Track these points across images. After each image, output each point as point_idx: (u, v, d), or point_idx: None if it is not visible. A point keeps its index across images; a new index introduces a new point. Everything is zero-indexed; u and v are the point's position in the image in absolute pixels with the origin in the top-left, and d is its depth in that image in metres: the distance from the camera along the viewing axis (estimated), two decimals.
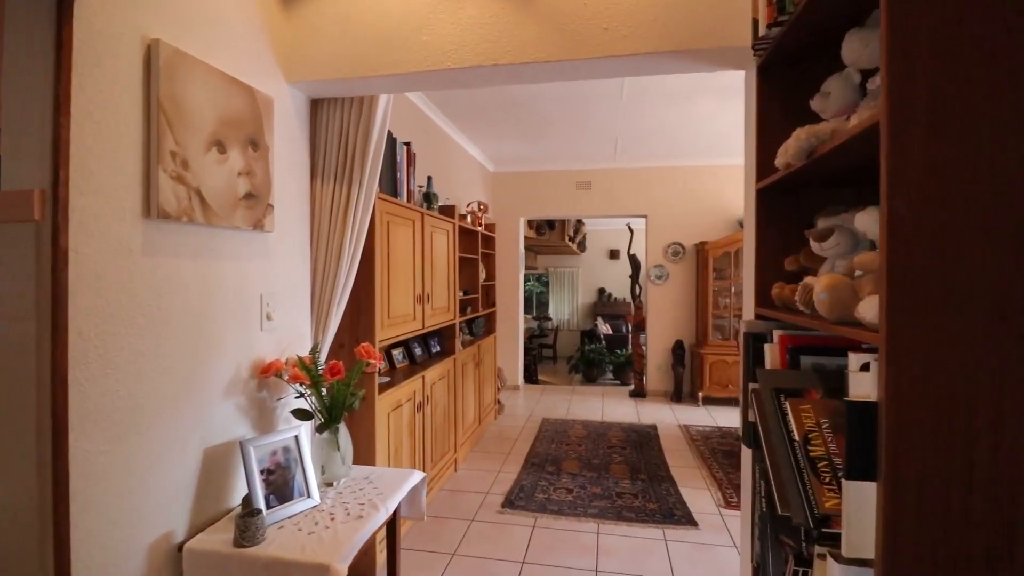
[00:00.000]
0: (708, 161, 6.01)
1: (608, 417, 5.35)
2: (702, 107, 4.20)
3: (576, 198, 6.37)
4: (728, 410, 5.56)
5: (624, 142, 5.29)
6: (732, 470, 3.88)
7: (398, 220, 2.81)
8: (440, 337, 3.81)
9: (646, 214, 6.21)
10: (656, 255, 6.21)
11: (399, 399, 2.81)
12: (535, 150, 5.67)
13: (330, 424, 1.82)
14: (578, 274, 11.91)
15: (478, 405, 4.55)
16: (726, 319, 5.83)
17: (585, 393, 6.53)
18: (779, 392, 1.13)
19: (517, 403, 5.95)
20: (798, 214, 1.51)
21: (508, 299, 6.48)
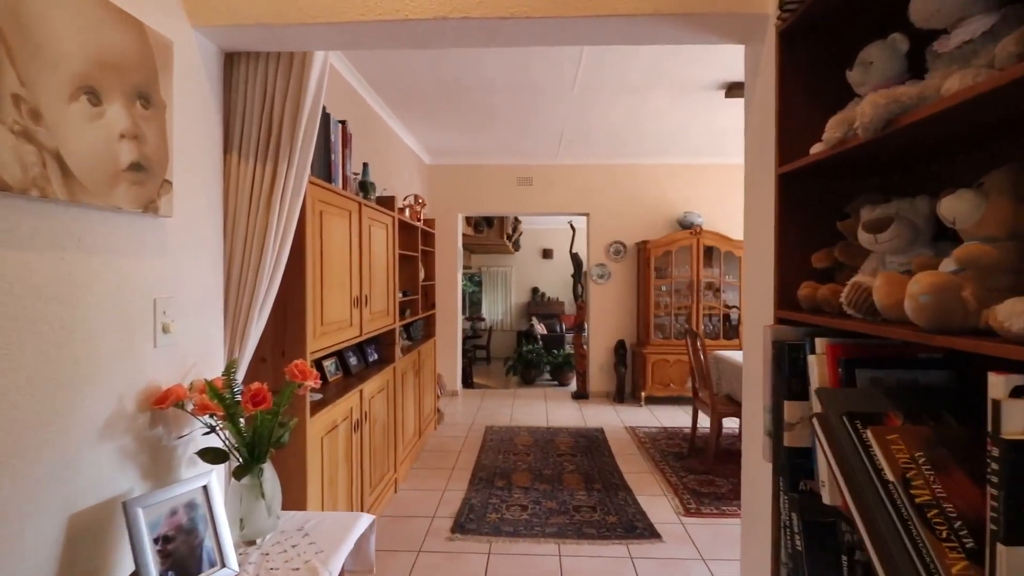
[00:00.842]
0: (650, 160, 5.98)
1: (553, 421, 5.15)
2: (654, 102, 4.08)
3: (517, 195, 6.13)
4: (670, 409, 5.55)
5: (569, 137, 5.11)
6: (685, 474, 3.79)
7: (333, 210, 2.40)
8: (378, 344, 3.40)
9: (588, 212, 6.09)
10: (598, 254, 6.10)
11: (334, 419, 2.40)
12: (476, 142, 5.36)
13: (252, 466, 1.41)
14: (511, 273, 11.72)
15: (418, 416, 4.17)
16: (667, 318, 5.83)
17: (526, 396, 6.30)
18: (854, 418, 0.92)
19: (457, 410, 5.61)
20: (823, 205, 1.33)
21: (447, 300, 6.12)
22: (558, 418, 5.28)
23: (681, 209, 5.98)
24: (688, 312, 5.72)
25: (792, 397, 1.16)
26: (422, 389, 4.29)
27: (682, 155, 5.83)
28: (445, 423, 5.07)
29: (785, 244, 1.32)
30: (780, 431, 1.20)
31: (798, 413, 1.16)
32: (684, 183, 6.03)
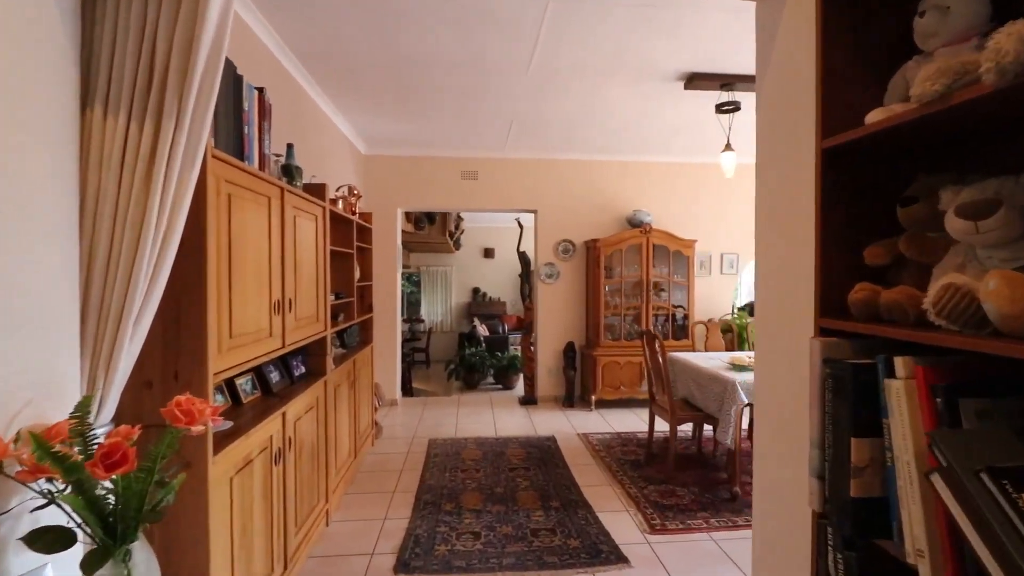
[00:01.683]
0: (600, 156, 5.80)
1: (503, 431, 4.82)
2: (611, 91, 3.85)
3: (461, 189, 5.76)
4: (621, 413, 5.38)
5: (519, 128, 4.80)
6: (644, 484, 3.59)
7: (246, 195, 1.94)
8: (306, 355, 2.93)
9: (536, 209, 5.82)
10: (546, 253, 5.84)
11: (248, 452, 1.95)
12: (418, 131, 4.93)
13: (114, 550, 0.98)
14: (451, 273, 11.31)
15: (354, 434, 3.71)
16: (617, 319, 5.66)
17: (471, 403, 5.94)
18: (999, 475, 0.65)
19: (397, 421, 5.16)
20: (876, 189, 1.08)
21: (385, 302, 5.64)
22: (507, 426, 4.96)
23: (630, 207, 5.85)
24: (637, 312, 5.59)
25: (860, 433, 0.90)
26: (358, 402, 3.83)
27: (632, 152, 5.69)
28: (384, 437, 4.62)
29: (830, 237, 1.06)
30: (841, 476, 0.93)
31: (868, 454, 0.90)
32: (633, 181, 5.90)
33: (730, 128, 3.86)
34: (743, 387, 3.29)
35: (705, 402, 3.58)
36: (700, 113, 4.33)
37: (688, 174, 5.94)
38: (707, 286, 5.91)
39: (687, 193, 5.94)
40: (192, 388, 1.59)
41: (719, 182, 5.97)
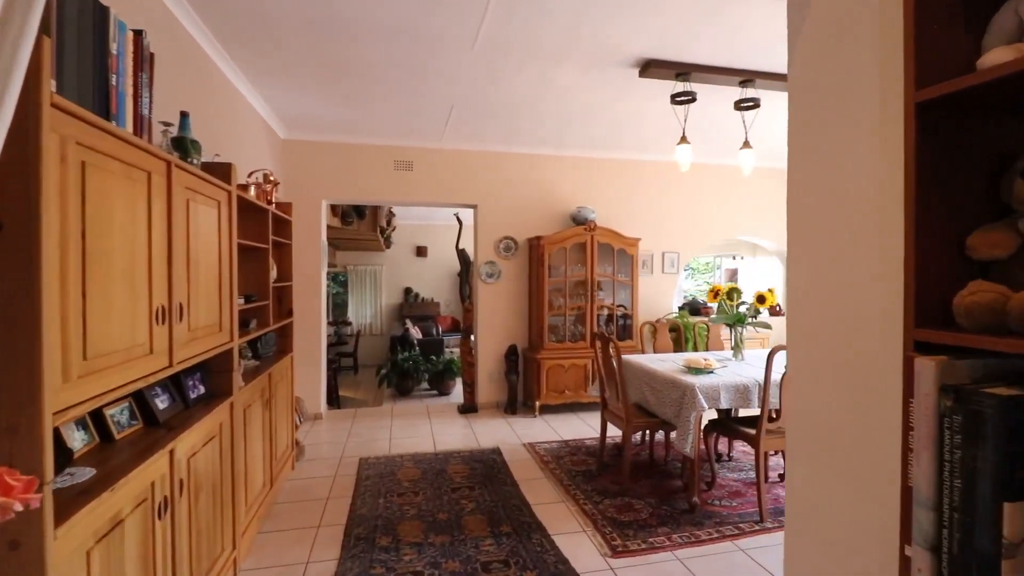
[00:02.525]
0: (544, 150, 5.53)
1: (442, 444, 4.42)
2: (562, 77, 3.57)
3: (394, 181, 5.28)
4: (566, 419, 5.15)
5: (460, 114, 4.42)
6: (599, 498, 3.34)
7: (114, 167, 1.45)
8: (206, 372, 2.40)
9: (476, 204, 5.46)
10: (487, 251, 5.50)
11: (117, 510, 1.46)
12: (345, 113, 4.42)
13: None
14: (382, 272, 10.70)
15: (270, 459, 3.18)
16: (561, 319, 5.43)
17: (406, 413, 5.48)
18: None
19: (322, 438, 4.61)
20: (975, 158, 0.83)
21: (308, 304, 5.07)
22: (447, 439, 4.57)
23: (574, 203, 5.64)
24: (582, 313, 5.38)
25: (1016, 495, 0.64)
26: (275, 422, 3.30)
27: (577, 147, 5.47)
28: (306, 459, 4.08)
29: (927, 221, 0.79)
30: (973, 552, 0.66)
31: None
32: (577, 177, 5.70)
33: (685, 120, 3.70)
34: (703, 392, 3.12)
35: (660, 407, 3.39)
36: (649, 106, 4.16)
37: (630, 171, 5.82)
38: (648, 286, 5.82)
39: (629, 191, 5.83)
40: (18, 436, 1.11)
41: (661, 180, 5.91)
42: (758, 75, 3.44)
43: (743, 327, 3.93)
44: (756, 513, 3.15)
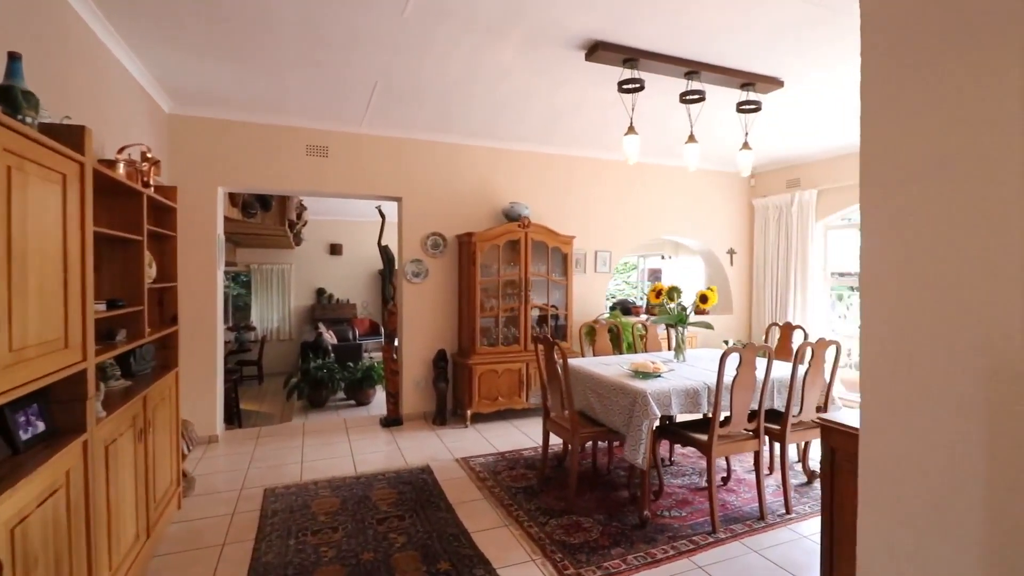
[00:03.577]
0: (475, 141, 5.17)
1: (364, 464, 3.93)
2: (499, 56, 3.23)
3: (306, 168, 4.68)
4: (499, 427, 4.83)
5: (385, 95, 3.94)
6: (544, 518, 3.05)
7: None
8: (46, 403, 1.79)
9: (400, 196, 4.98)
10: (413, 248, 5.05)
11: None
12: (248, 86, 3.79)
13: None
14: (290, 272, 9.82)
15: (145, 505, 2.56)
16: (492, 320, 5.10)
17: (320, 429, 4.88)
18: None
19: (217, 466, 3.94)
20: None
21: (202, 309, 4.34)
22: (369, 458, 4.07)
23: (506, 198, 5.33)
24: (515, 314, 5.09)
25: None
26: (153, 456, 2.67)
27: (510, 139, 5.17)
28: (196, 494, 3.42)
29: None
30: None
31: None
32: (510, 170, 5.39)
33: (633, 109, 3.51)
34: (654, 398, 2.92)
35: (608, 415, 3.17)
36: (590, 97, 3.95)
37: (563, 167, 5.62)
38: (582, 285, 5.65)
39: (562, 187, 5.62)
40: None
41: (593, 177, 5.76)
42: (704, 67, 3.32)
43: (684, 327, 3.82)
44: (707, 523, 3.01)
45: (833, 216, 5.84)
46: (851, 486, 1.63)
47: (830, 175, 5.75)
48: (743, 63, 3.34)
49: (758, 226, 6.53)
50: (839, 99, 3.99)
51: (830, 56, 3.22)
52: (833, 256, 6.09)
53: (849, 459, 1.63)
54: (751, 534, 2.92)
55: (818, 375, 3.23)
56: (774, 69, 3.43)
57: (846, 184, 5.60)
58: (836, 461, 1.68)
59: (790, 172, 6.17)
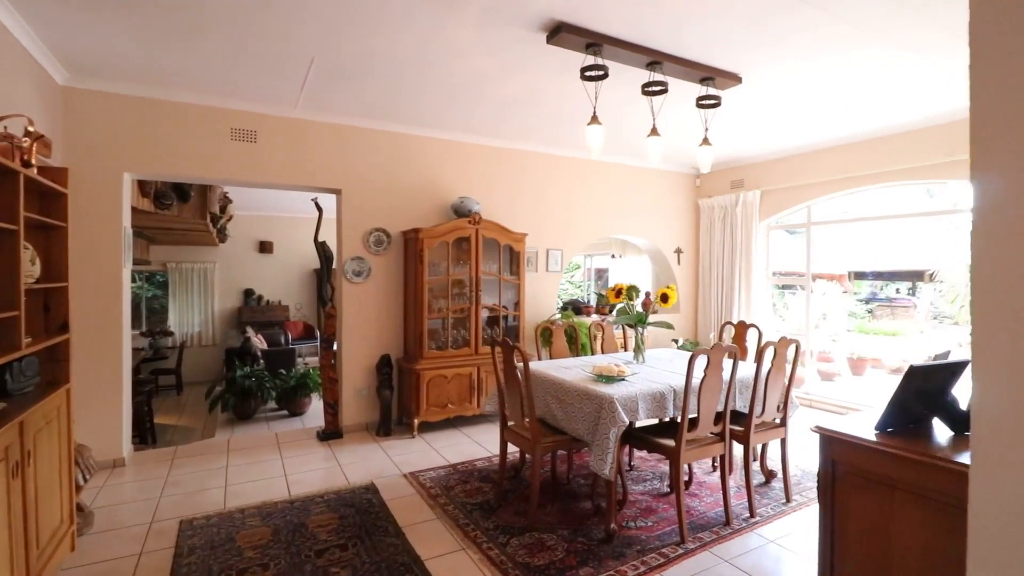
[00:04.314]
0: (423, 131, 4.84)
1: (300, 486, 3.52)
2: (455, 33, 2.95)
3: (230, 154, 4.18)
4: (449, 436, 4.53)
5: (322, 74, 3.55)
6: (504, 538, 2.80)
7: None
8: None
9: (340, 188, 4.57)
10: (354, 244, 4.65)
11: None
12: (161, 57, 3.29)
13: None
14: (214, 271, 9.02)
15: (25, 553, 2.07)
16: (439, 322, 4.80)
17: (249, 445, 4.38)
18: None
19: (123, 495, 3.40)
20: None
21: (103, 313, 3.77)
22: (306, 478, 3.66)
23: (455, 193, 5.04)
24: (465, 315, 4.82)
25: None
26: (35, 493, 2.19)
27: (461, 129, 4.88)
28: (95, 532, 2.90)
29: None
30: None
31: None
32: (460, 164, 5.11)
33: (596, 98, 3.33)
34: (622, 404, 2.75)
35: (571, 423, 2.97)
36: (547, 85, 3.75)
37: (514, 162, 5.40)
38: (534, 284, 5.46)
39: (513, 183, 5.41)
40: None
41: (545, 173, 5.59)
42: (666, 57, 3.20)
43: (644, 328, 3.70)
44: (675, 532, 2.88)
45: (775, 216, 5.98)
46: (857, 502, 1.50)
47: (773, 176, 5.88)
48: (704, 55, 3.25)
49: (704, 226, 6.61)
50: (793, 98, 4.02)
51: (789, 50, 3.19)
52: (774, 257, 6.26)
53: (854, 472, 1.50)
54: (719, 542, 2.81)
55: (780, 375, 3.19)
56: (734, 63, 3.36)
57: (788, 185, 5.74)
58: (838, 474, 1.55)
59: (735, 173, 6.28)
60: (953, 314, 12.75)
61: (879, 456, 1.44)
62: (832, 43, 3.06)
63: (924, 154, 4.59)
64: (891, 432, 1.52)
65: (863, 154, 5.02)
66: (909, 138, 4.68)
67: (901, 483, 1.40)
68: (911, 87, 3.74)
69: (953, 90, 3.80)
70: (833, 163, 5.29)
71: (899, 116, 4.43)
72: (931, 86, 3.70)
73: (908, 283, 15.92)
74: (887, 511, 1.43)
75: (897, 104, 4.12)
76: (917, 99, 4.00)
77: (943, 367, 1.52)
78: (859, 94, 3.90)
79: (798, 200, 5.72)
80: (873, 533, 1.46)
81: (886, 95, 3.92)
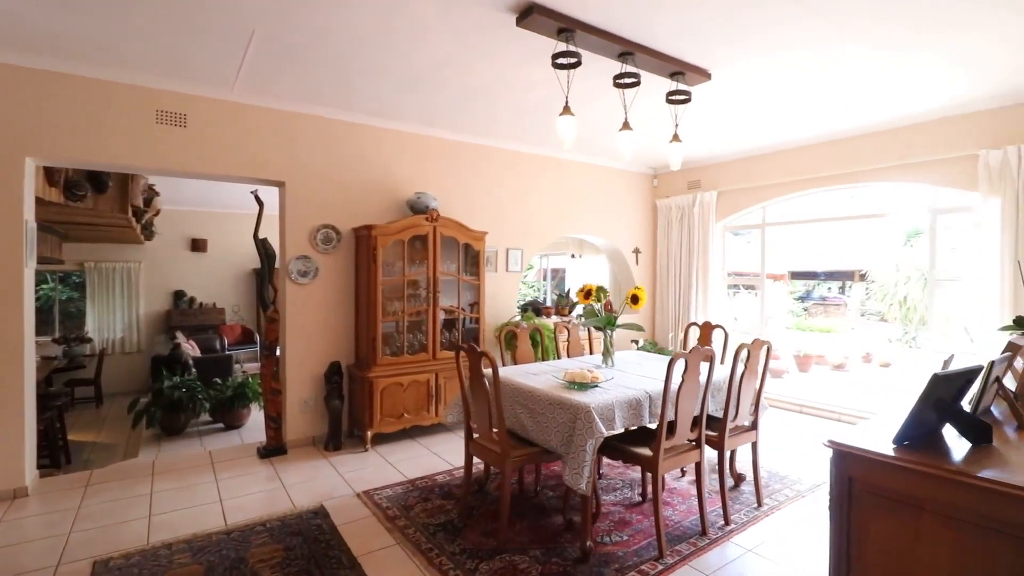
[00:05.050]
0: (378, 121, 4.51)
1: (237, 512, 3.13)
2: (422, 12, 2.68)
3: (155, 140, 3.71)
4: (405, 448, 4.24)
5: (264, 51, 3.18)
6: (472, 561, 2.57)
7: None
8: None
9: (283, 181, 4.18)
10: (299, 242, 4.26)
11: None
12: (73, 23, 2.82)
13: None
14: (139, 271, 8.26)
15: None
16: (396, 326, 4.49)
17: (177, 466, 3.92)
18: None
19: (24, 532, 2.90)
20: None
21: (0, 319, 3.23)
22: (245, 503, 3.27)
23: (411, 188, 4.74)
24: (423, 318, 4.53)
25: None
26: None
27: (418, 121, 4.59)
28: None
29: None
30: None
31: None
32: (416, 157, 4.81)
33: (568, 86, 3.14)
34: (599, 413, 2.58)
35: (542, 434, 2.77)
36: (507, 76, 3.54)
37: (473, 157, 5.16)
38: (493, 285, 5.24)
39: (472, 179, 5.16)
40: None
41: (505, 170, 5.38)
42: (638, 48, 3.06)
43: (613, 330, 3.56)
44: (652, 546, 2.74)
45: (731, 217, 6.04)
46: (877, 524, 1.38)
47: (729, 177, 5.93)
48: (675, 47, 3.13)
49: (661, 226, 6.60)
50: (757, 97, 3.99)
51: (758, 45, 3.12)
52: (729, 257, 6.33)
53: (875, 492, 1.37)
54: (697, 554, 2.69)
55: (753, 377, 3.12)
56: (704, 57, 3.27)
57: (744, 186, 5.80)
58: (855, 493, 1.42)
59: (692, 174, 6.30)
60: (882, 311, 13.56)
61: (905, 474, 1.31)
62: (803, 38, 3.01)
63: (876, 157, 4.71)
64: (907, 445, 1.41)
65: (819, 156, 5.12)
66: (864, 141, 4.80)
67: (929, 503, 1.28)
68: (874, 88, 3.78)
69: (910, 93, 3.89)
70: (788, 165, 5.38)
71: (856, 119, 4.52)
72: (898, 86, 3.72)
73: (839, 283, 16.89)
74: (913, 533, 1.31)
75: (856, 106, 4.19)
76: (877, 101, 4.07)
77: (961, 374, 1.42)
78: (822, 95, 3.92)
79: (754, 201, 5.78)
80: (896, 557, 1.34)
81: (849, 96, 3.96)
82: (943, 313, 5.20)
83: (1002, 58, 3.22)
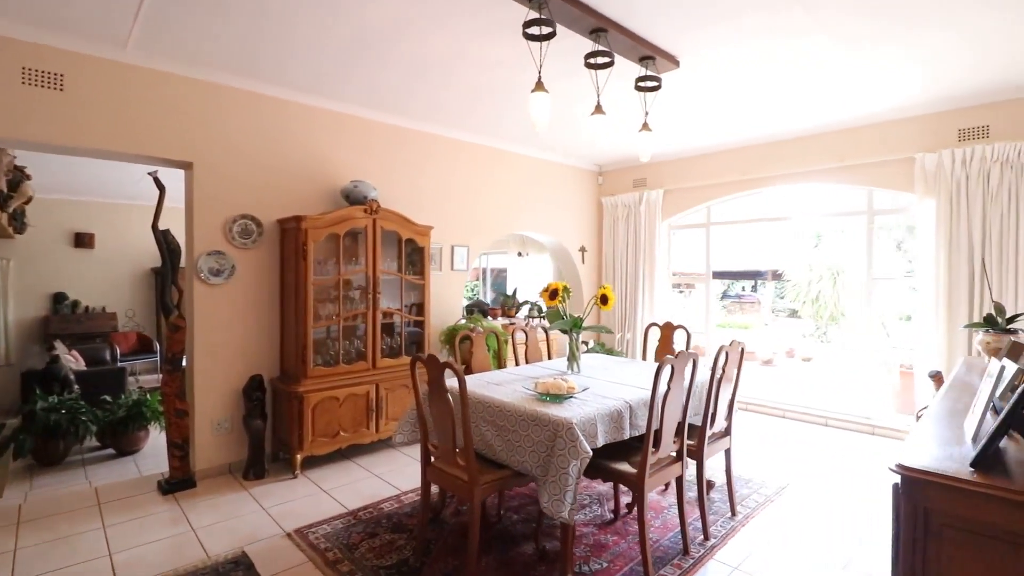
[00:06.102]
0: (310, 99, 3.94)
1: (131, 568, 2.50)
2: None
3: (21, 105, 2.96)
4: (343, 472, 3.72)
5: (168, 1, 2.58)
6: None
7: None
8: None
9: (191, 162, 3.52)
10: (211, 235, 3.62)
11: None
12: None
13: None
14: (7, 270, 6.99)
15: None
16: (329, 332, 3.95)
17: (52, 509, 3.15)
18: None
19: None
20: None
21: None
22: (142, 554, 2.64)
23: (347, 176, 4.21)
24: (361, 322, 4.02)
25: None
26: None
27: (358, 101, 4.07)
28: None
29: None
30: None
31: None
32: (353, 141, 4.28)
33: (542, 62, 2.79)
34: (582, 429, 2.27)
35: (513, 454, 2.42)
36: (463, 50, 3.16)
37: (418, 144, 4.71)
38: (439, 285, 4.81)
39: (416, 169, 4.71)
40: None
41: (450, 161, 4.97)
42: (611, 24, 2.80)
43: (579, 333, 3.28)
44: (636, 571, 2.47)
45: (677, 216, 6.00)
46: (964, 565, 1.15)
47: (675, 176, 5.88)
48: (648, 29, 2.90)
49: (607, 224, 6.46)
50: (719, 89, 3.88)
51: (730, 33, 2.97)
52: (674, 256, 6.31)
53: (959, 527, 1.15)
54: None
55: (728, 381, 2.96)
56: (674, 41, 3.07)
57: (690, 185, 5.77)
58: (932, 528, 1.19)
59: (637, 171, 6.21)
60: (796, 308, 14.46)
61: (1000, 505, 1.10)
62: (777, 25, 2.88)
63: (819, 158, 4.80)
64: (977, 465, 1.21)
65: (764, 156, 5.16)
66: (810, 142, 4.88)
67: None
68: (831, 87, 3.76)
69: (862, 93, 3.93)
70: (734, 165, 5.39)
71: (805, 120, 4.56)
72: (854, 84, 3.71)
73: (751, 281, 17.95)
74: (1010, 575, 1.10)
75: (808, 106, 4.20)
76: (828, 102, 4.10)
77: None
78: (783, 91, 3.87)
79: (699, 200, 5.77)
80: None
81: (805, 94, 3.93)
82: (856, 310, 5.42)
83: (964, 55, 3.23)
